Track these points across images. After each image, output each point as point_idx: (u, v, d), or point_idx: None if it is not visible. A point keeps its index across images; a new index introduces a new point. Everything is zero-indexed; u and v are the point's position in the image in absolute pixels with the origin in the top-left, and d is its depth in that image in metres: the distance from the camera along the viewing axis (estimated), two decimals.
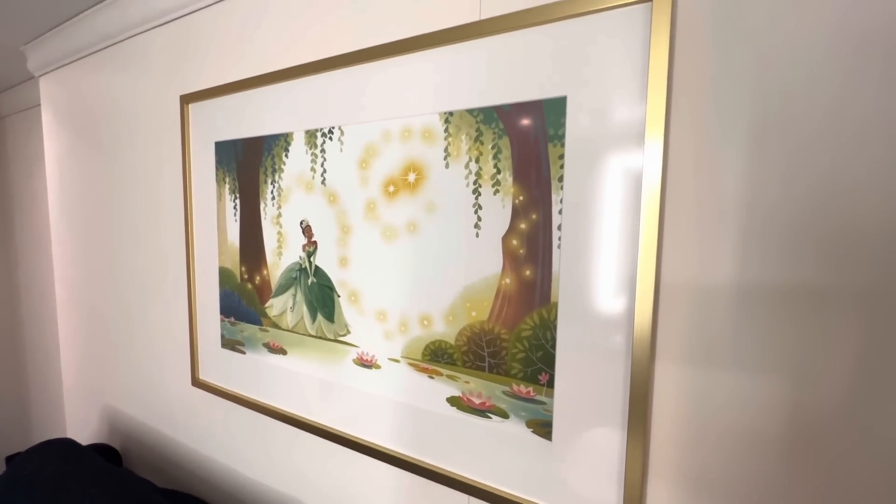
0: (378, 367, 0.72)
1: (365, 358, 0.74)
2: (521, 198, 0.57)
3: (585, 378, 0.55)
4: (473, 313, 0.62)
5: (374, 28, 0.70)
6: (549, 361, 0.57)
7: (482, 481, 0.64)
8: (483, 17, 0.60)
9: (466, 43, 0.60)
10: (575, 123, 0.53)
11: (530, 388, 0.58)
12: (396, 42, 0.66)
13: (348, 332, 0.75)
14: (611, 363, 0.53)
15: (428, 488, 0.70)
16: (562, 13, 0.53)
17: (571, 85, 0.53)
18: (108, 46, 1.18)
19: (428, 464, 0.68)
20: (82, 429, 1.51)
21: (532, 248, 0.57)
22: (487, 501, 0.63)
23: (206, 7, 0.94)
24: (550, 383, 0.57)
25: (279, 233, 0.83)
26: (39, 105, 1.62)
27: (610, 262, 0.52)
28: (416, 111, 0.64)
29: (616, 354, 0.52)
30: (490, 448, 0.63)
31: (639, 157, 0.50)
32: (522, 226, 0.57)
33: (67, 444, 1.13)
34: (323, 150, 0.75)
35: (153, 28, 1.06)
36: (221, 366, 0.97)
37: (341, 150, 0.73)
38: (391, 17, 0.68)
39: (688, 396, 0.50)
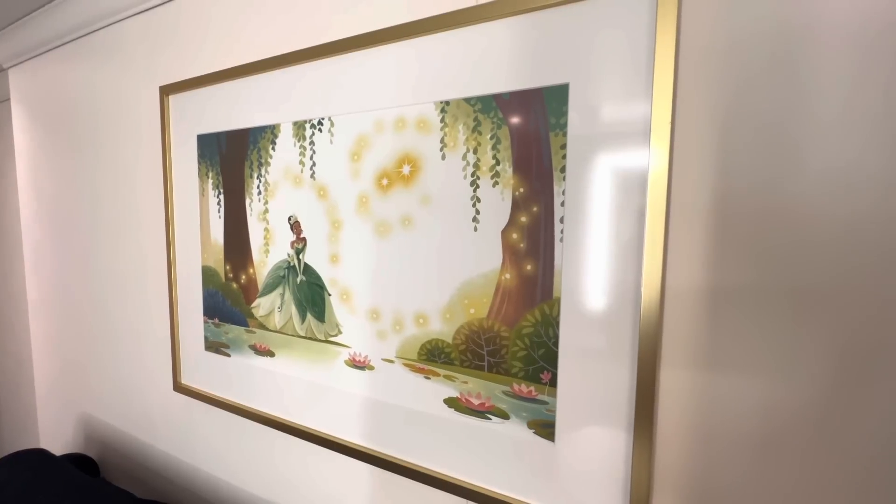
0: (371, 368, 0.69)
1: (357, 359, 0.71)
2: (521, 189, 0.55)
3: (589, 377, 0.53)
4: (472, 310, 0.59)
5: (366, 14, 0.67)
6: (551, 359, 0.55)
7: (481, 485, 0.61)
8: (480, 2, 0.57)
9: (462, 29, 0.58)
10: (578, 112, 0.51)
11: (532, 388, 0.56)
12: (389, 28, 0.63)
13: (339, 332, 0.72)
14: (616, 361, 0.51)
15: (424, 493, 0.67)
16: None
17: (574, 72, 0.51)
18: (83, 36, 1.12)
19: (424, 468, 0.65)
20: (56, 438, 1.44)
21: (533, 241, 0.55)
22: None
23: None
24: (553, 382, 0.55)
25: (266, 229, 0.79)
26: (8, 100, 1.55)
27: (615, 255, 0.50)
28: (411, 100, 0.62)
29: (621, 352, 0.51)
30: (489, 450, 0.60)
31: (644, 146, 0.48)
32: (523, 219, 0.55)
33: (39, 455, 1.07)
34: (312, 143, 0.72)
35: (130, 17, 1.01)
36: (205, 369, 0.93)
37: (331, 142, 0.70)
38: (384, 4, 0.65)
39: (695, 400, 0.49)
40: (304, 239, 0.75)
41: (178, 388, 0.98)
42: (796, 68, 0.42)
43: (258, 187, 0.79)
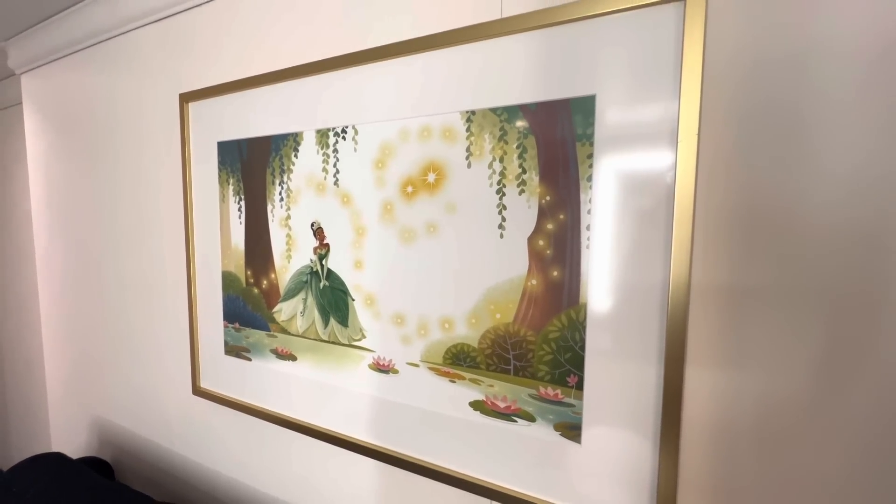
0: (395, 371, 0.70)
1: (381, 363, 0.72)
2: (547, 198, 0.56)
3: (616, 380, 0.54)
4: (497, 315, 0.61)
5: (390, 25, 0.68)
6: (577, 363, 0.56)
7: (507, 486, 0.62)
8: (504, 16, 0.59)
9: (487, 41, 0.59)
10: (604, 122, 0.52)
11: (558, 391, 0.58)
12: (413, 40, 0.64)
13: (363, 336, 0.73)
14: (642, 364, 0.52)
15: (448, 494, 0.69)
16: (589, 11, 0.52)
17: (601, 83, 0.52)
18: (99, 43, 1.13)
19: (449, 469, 0.67)
20: (69, 442, 1.45)
21: (560, 248, 0.56)
22: None
23: (205, 3, 0.91)
24: (580, 385, 0.56)
25: (288, 235, 0.80)
26: (19, 104, 1.56)
27: (641, 262, 0.52)
28: (436, 110, 0.63)
29: (648, 355, 0.52)
30: (516, 452, 0.61)
31: (671, 156, 0.49)
32: (549, 226, 0.56)
33: (58, 459, 1.07)
34: (335, 150, 0.73)
35: (148, 24, 1.02)
36: (225, 374, 0.94)
37: (355, 150, 0.71)
38: (409, 14, 0.66)
39: (719, 400, 0.50)
40: (327, 245, 0.76)
41: (198, 391, 0.99)
42: (816, 80, 0.44)
43: (280, 194, 0.81)
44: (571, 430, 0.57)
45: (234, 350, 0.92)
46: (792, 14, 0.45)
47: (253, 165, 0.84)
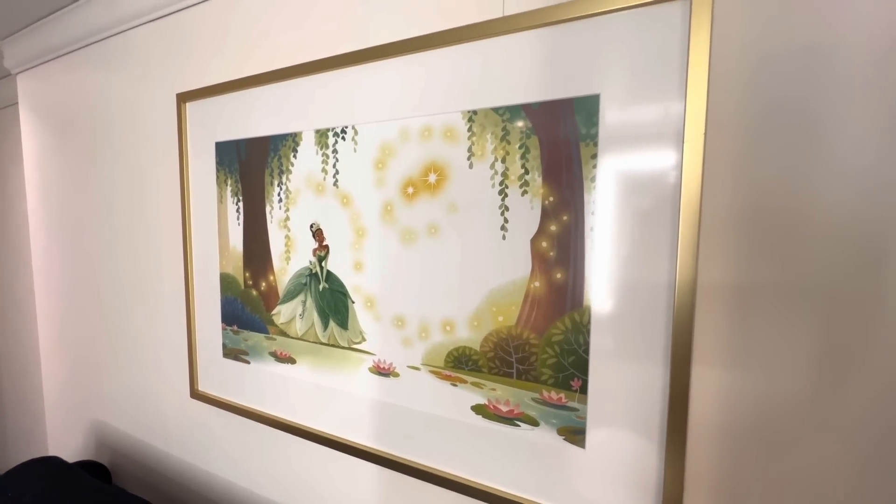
0: (396, 375, 0.69)
1: (382, 366, 0.71)
2: (551, 199, 0.55)
3: (621, 383, 0.53)
4: (500, 318, 0.60)
5: (390, 24, 0.67)
6: (581, 367, 0.55)
7: (510, 491, 0.61)
8: (506, 14, 0.58)
9: (489, 40, 0.58)
10: (608, 122, 0.52)
11: (562, 395, 0.57)
12: (412, 39, 0.63)
13: (363, 339, 0.72)
14: (648, 368, 0.52)
15: (450, 499, 0.68)
16: (592, 9, 0.51)
17: (605, 82, 0.51)
18: (95, 42, 1.12)
19: (451, 474, 0.66)
20: (66, 445, 1.43)
21: (563, 250, 0.55)
22: None
23: (203, 2, 0.90)
24: (584, 389, 0.55)
25: (287, 237, 0.79)
26: (15, 104, 1.54)
27: (646, 263, 0.51)
28: (437, 110, 0.62)
29: (653, 359, 0.51)
30: (518, 457, 0.61)
31: (676, 156, 0.48)
32: (553, 227, 0.56)
33: (55, 463, 1.06)
34: (335, 151, 0.72)
35: (145, 23, 1.01)
36: (223, 376, 0.93)
37: (355, 151, 0.70)
38: (409, 13, 0.66)
39: (727, 403, 0.49)
40: (326, 246, 0.75)
41: (195, 394, 0.98)
42: (825, 77, 0.43)
43: (279, 195, 0.80)
44: (575, 435, 0.56)
45: (232, 353, 0.90)
46: (799, 10, 0.44)
47: (251, 166, 0.83)
